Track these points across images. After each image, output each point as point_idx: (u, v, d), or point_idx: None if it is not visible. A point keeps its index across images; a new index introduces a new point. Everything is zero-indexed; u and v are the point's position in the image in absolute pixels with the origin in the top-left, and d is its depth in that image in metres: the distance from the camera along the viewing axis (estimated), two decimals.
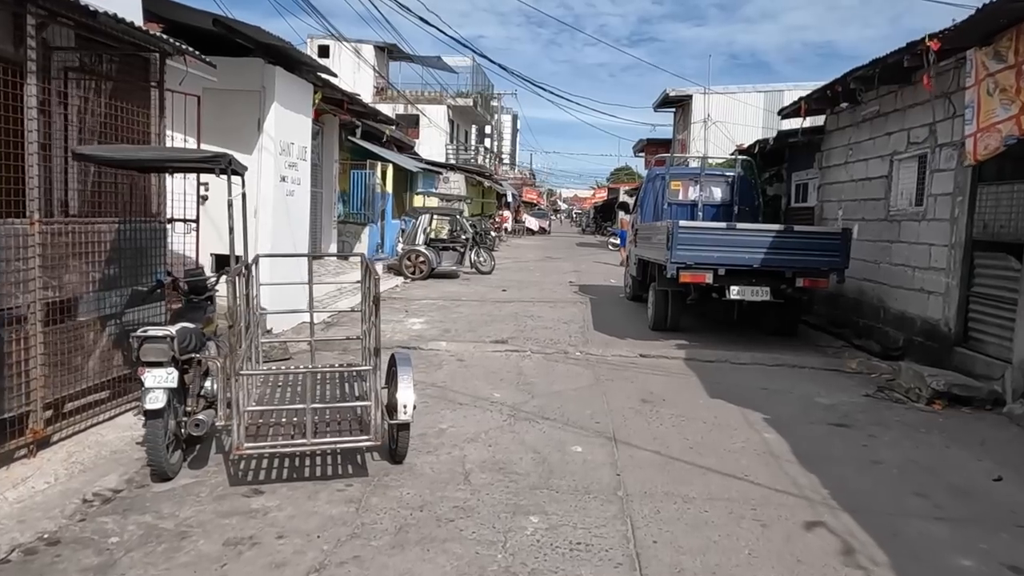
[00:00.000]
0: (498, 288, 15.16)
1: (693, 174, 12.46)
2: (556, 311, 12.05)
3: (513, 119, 70.55)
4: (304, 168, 10.03)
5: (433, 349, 8.60)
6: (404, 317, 11.02)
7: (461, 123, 44.11)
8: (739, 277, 8.84)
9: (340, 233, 17.14)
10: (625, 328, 10.47)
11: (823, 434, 5.88)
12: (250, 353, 5.45)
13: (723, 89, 27.41)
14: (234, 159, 4.90)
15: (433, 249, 16.81)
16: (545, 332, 10.02)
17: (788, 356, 8.71)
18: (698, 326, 10.71)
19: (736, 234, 8.73)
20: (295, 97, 9.57)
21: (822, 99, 10.40)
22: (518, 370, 7.68)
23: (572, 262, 24.04)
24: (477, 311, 11.80)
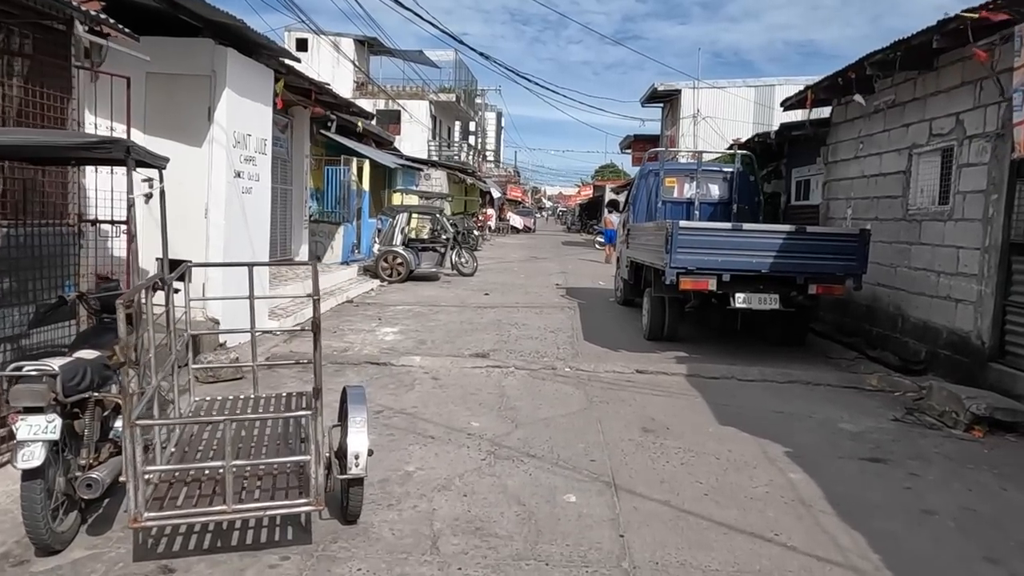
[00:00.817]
0: (480, 292, 14.24)
1: (689, 170, 11.61)
2: (542, 318, 11.15)
3: (498, 116, 69.80)
4: (264, 163, 9.06)
5: (405, 365, 7.67)
6: (376, 326, 10.07)
7: (444, 119, 43.13)
8: (745, 283, 7.99)
9: (312, 233, 16.14)
10: (618, 338, 9.59)
11: (856, 472, 5.03)
12: (173, 385, 4.51)
13: (712, 83, 26.63)
14: (138, 147, 3.94)
15: (412, 250, 15.87)
16: (530, 343, 9.12)
17: (799, 371, 7.87)
18: (697, 336, 9.85)
19: (742, 236, 7.87)
20: (252, 84, 8.60)
21: (831, 88, 9.56)
22: (500, 391, 6.77)
23: (558, 262, 23.15)
24: (457, 318, 10.88)
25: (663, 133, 30.21)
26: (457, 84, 43.26)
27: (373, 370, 7.46)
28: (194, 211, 8.05)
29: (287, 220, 14.37)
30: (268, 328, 9.16)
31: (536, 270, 19.78)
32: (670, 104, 28.72)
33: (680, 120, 26.33)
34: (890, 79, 8.78)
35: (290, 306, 10.55)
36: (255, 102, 8.67)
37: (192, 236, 8.07)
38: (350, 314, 11.01)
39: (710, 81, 26.59)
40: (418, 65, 40.73)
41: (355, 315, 10.93)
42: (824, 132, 10.99)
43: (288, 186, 14.33)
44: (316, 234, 16.20)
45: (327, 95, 12.04)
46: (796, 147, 12.65)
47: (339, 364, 7.65)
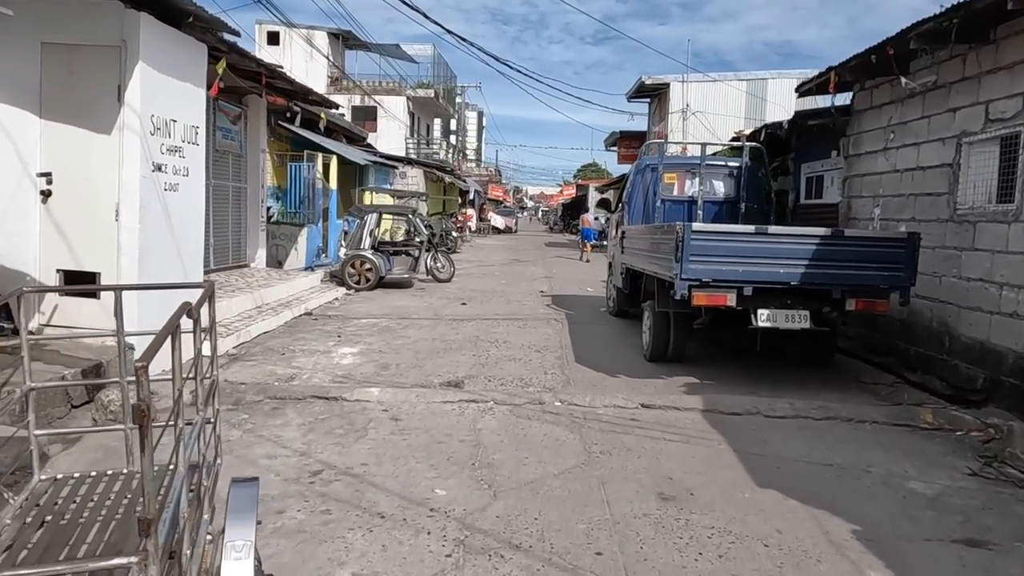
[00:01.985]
0: (457, 300, 12.85)
1: (691, 165, 10.30)
2: (526, 333, 9.78)
3: (479, 116, 68.72)
4: (195, 155, 7.61)
5: (361, 400, 6.26)
6: (334, 345, 8.65)
7: (422, 116, 41.68)
8: (770, 298, 6.67)
9: (272, 236, 14.67)
10: (615, 359, 8.25)
11: (956, 565, 3.71)
12: None
13: (703, 77, 25.44)
14: None
15: (382, 254, 14.44)
16: (513, 366, 7.75)
17: (835, 402, 6.56)
18: (706, 355, 8.54)
19: (767, 241, 6.55)
20: (178, 60, 7.16)
21: (859, 68, 8.26)
22: (476, 437, 5.40)
23: (542, 265, 21.81)
24: (428, 334, 9.48)
25: (650, 129, 28.98)
26: (436, 80, 41.86)
27: (320, 408, 6.06)
28: (104, 212, 6.61)
29: (241, 222, 12.91)
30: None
31: (519, 275, 18.42)
32: (658, 99, 27.50)
33: (669, 115, 25.10)
34: (930, 57, 7.51)
35: (234, 321, 9.10)
36: (182, 82, 7.23)
37: (101, 242, 6.64)
38: (306, 330, 9.58)
39: (700, 75, 25.39)
40: (395, 60, 39.36)
41: (311, 331, 9.50)
42: (843, 122, 9.72)
43: (242, 184, 12.87)
44: (277, 237, 14.75)
45: (280, 80, 10.60)
46: (807, 140, 11.39)
47: (278, 400, 6.24)
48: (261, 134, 13.09)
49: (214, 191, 11.73)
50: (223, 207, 12.11)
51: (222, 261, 12.10)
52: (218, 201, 11.92)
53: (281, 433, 5.41)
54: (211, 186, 11.53)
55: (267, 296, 10.74)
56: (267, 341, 8.76)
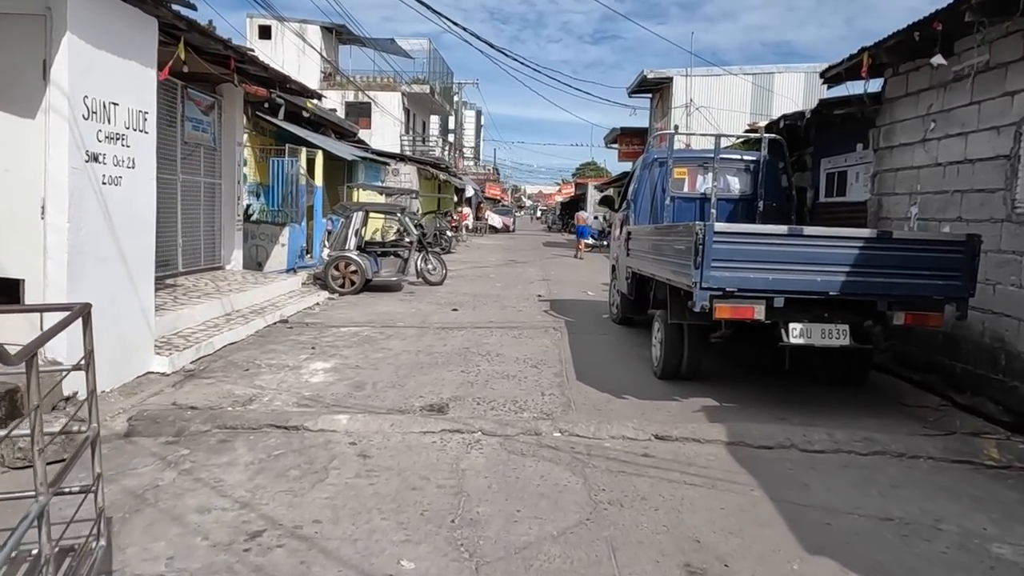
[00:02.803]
0: (448, 306, 11.92)
1: (704, 158, 9.37)
2: (521, 344, 8.85)
3: (477, 115, 68.15)
4: (143, 144, 6.67)
5: (326, 431, 5.33)
6: (306, 359, 7.71)
7: (418, 113, 40.75)
8: (804, 310, 5.75)
9: (252, 236, 13.75)
10: (621, 376, 7.33)
11: None
12: None
13: (707, 71, 24.51)
14: None
15: (369, 255, 13.50)
16: (506, 385, 6.82)
17: (879, 431, 5.62)
18: (723, 371, 7.62)
19: (803, 244, 5.61)
20: (120, 34, 6.22)
21: (898, 48, 7.32)
22: (457, 482, 4.46)
23: (539, 266, 20.88)
24: (413, 346, 8.54)
25: (652, 125, 28.05)
26: (431, 76, 40.93)
27: (276, 440, 5.12)
28: (28, 209, 5.67)
29: (215, 221, 11.96)
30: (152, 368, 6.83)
31: (515, 277, 17.49)
32: (660, 94, 26.57)
33: (671, 110, 24.16)
34: (980, 35, 6.58)
35: (196, 332, 8.16)
36: (125, 60, 6.29)
37: (25, 244, 5.70)
38: (278, 340, 8.64)
39: (704, 69, 24.45)
40: (390, 55, 38.44)
41: (283, 342, 8.56)
42: (872, 111, 8.79)
43: (216, 179, 11.92)
44: (256, 237, 13.82)
45: (252, 65, 9.64)
46: (827, 132, 10.46)
47: (229, 430, 5.30)
48: (237, 126, 12.14)
49: (184, 187, 10.80)
50: (194, 204, 11.17)
51: (193, 263, 11.16)
52: (188, 198, 10.98)
53: (224, 476, 4.47)
54: (179, 182, 10.61)
55: (238, 302, 9.80)
56: (232, 354, 7.83)
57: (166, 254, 10.38)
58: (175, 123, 10.44)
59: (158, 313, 7.92)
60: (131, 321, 6.52)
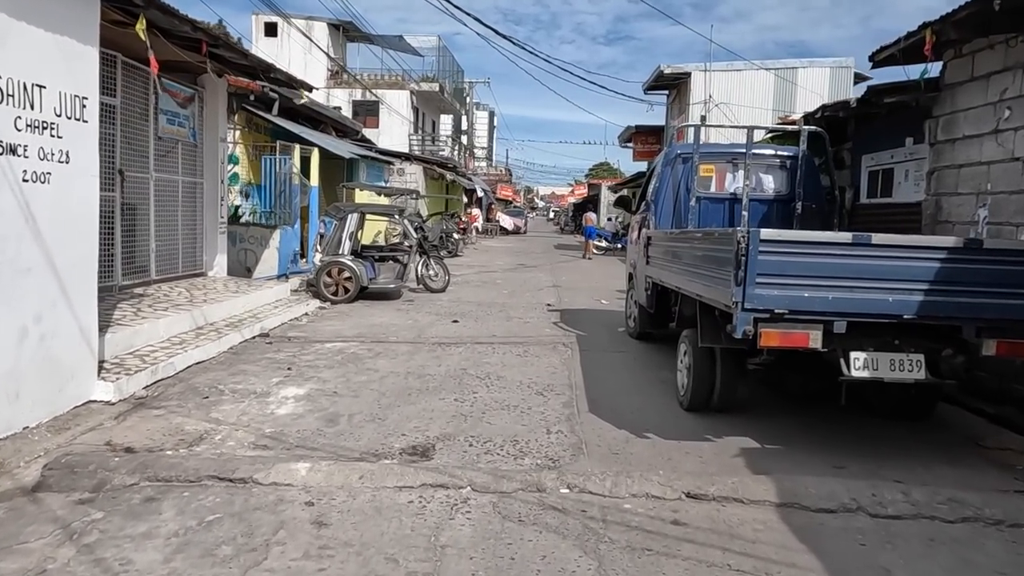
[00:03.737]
0: (448, 316, 10.90)
1: (735, 154, 8.32)
2: (527, 364, 7.82)
3: (490, 115, 67.66)
4: (80, 135, 5.70)
5: (279, 484, 4.31)
6: (278, 384, 6.71)
7: (427, 112, 39.84)
8: (870, 335, 4.68)
9: (240, 239, 12.80)
10: (641, 406, 6.28)
11: None
12: None
13: (727, 66, 23.40)
14: None
15: (365, 260, 12.51)
16: (505, 419, 5.78)
17: (960, 486, 4.54)
18: (759, 400, 6.56)
19: (871, 255, 4.54)
20: (47, 3, 5.25)
21: (969, 22, 6.21)
22: (434, 568, 3.43)
23: (550, 271, 19.84)
24: (403, 366, 7.53)
25: (668, 123, 26.96)
26: (441, 73, 40.02)
27: (215, 498, 4.12)
28: None
29: (196, 223, 11.02)
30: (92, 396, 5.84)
31: (523, 283, 16.44)
32: (677, 90, 25.48)
33: (690, 106, 23.06)
34: None
35: (157, 350, 7.18)
36: (55, 35, 5.32)
37: None
38: (252, 358, 7.65)
39: (724, 64, 23.33)
40: (399, 54, 37.57)
41: (257, 361, 7.57)
42: (928, 99, 7.69)
43: (196, 178, 10.99)
44: (245, 240, 12.86)
45: (229, 50, 8.66)
46: (869, 125, 9.37)
47: (161, 483, 4.30)
48: (220, 120, 11.19)
49: (158, 186, 9.87)
50: (170, 205, 10.23)
51: (169, 270, 10.22)
52: (164, 198, 10.05)
53: (134, 555, 3.47)
54: (152, 180, 9.67)
55: (213, 313, 8.83)
56: (195, 376, 6.85)
57: (137, 260, 9.43)
58: (147, 116, 9.51)
59: (112, 329, 6.97)
60: (65, 342, 5.54)
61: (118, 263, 8.86)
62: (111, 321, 7.28)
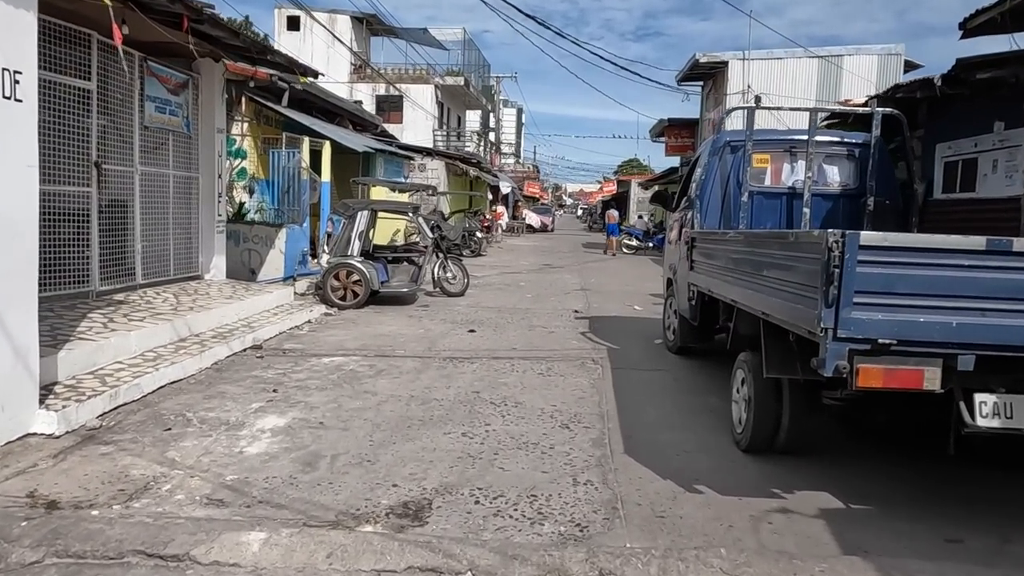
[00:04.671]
0: (464, 325, 9.85)
1: (794, 142, 7.16)
2: (550, 386, 6.74)
3: (518, 112, 66.94)
4: (12, 117, 4.74)
5: (221, 566, 3.29)
6: (257, 411, 5.71)
7: (452, 107, 38.92)
8: (1002, 372, 3.54)
9: (244, 239, 11.90)
10: (687, 444, 5.17)
11: None
12: None
13: (767, 54, 22.06)
14: None
15: (377, 261, 11.53)
16: (522, 463, 4.71)
17: None
18: (832, 438, 5.41)
19: (1011, 266, 3.40)
20: None
21: None
22: None
23: (577, 272, 18.72)
24: (407, 388, 6.50)
25: (703, 116, 25.66)
26: (467, 67, 39.08)
27: None
28: None
29: (191, 222, 10.11)
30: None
31: (549, 285, 15.34)
32: (713, 81, 24.17)
33: (726, 97, 21.75)
34: None
35: (123, 369, 6.23)
36: None
37: None
38: (235, 377, 6.68)
39: (764, 52, 21.99)
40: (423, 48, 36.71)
41: (241, 380, 6.59)
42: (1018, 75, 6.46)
43: (191, 172, 10.08)
44: (249, 240, 11.96)
45: (215, 27, 7.67)
46: (947, 108, 8.14)
47: (72, 561, 3.31)
48: (217, 109, 10.26)
49: (145, 181, 8.96)
50: (159, 202, 9.32)
51: (158, 273, 9.31)
52: (151, 194, 9.14)
53: None
54: (137, 174, 8.76)
55: (199, 323, 7.89)
56: (163, 400, 5.88)
57: (118, 263, 8.52)
58: (131, 103, 8.59)
59: (69, 345, 6.03)
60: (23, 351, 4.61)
61: (95, 266, 7.96)
62: (72, 334, 6.35)
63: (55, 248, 7.38)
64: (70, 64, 7.45)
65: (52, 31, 7.13)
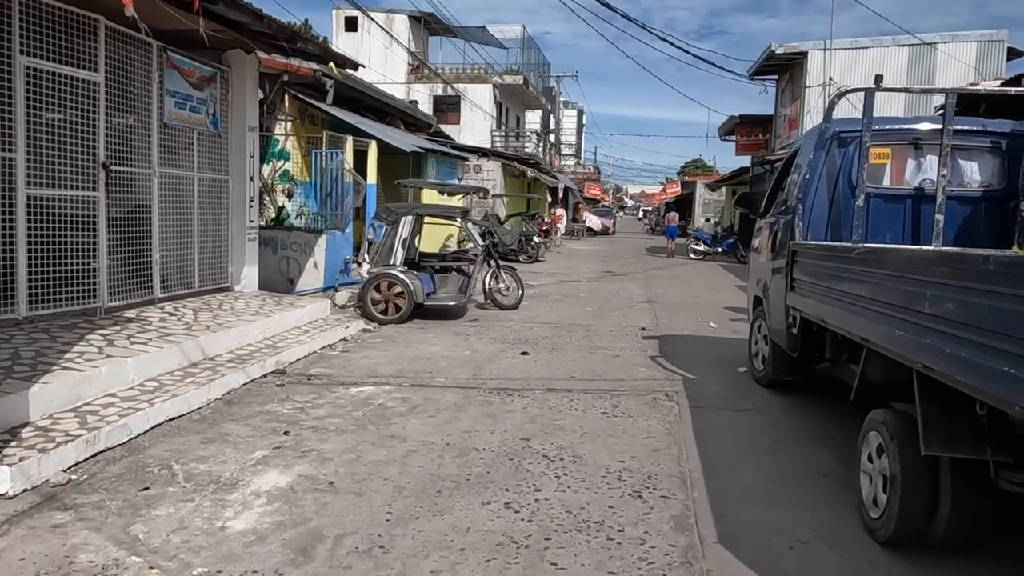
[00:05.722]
0: (516, 345, 8.72)
1: (922, 132, 5.80)
2: (615, 432, 5.53)
3: (579, 114, 65.92)
4: None
5: None
6: (257, 464, 4.68)
7: (511, 107, 37.92)
8: None
9: (281, 246, 11.06)
10: (803, 530, 3.91)
11: None
12: None
13: (850, 43, 20.28)
14: None
15: (422, 271, 10.51)
16: (580, 559, 3.52)
17: None
18: (995, 532, 4.06)
19: None
20: None
21: None
22: None
23: (642, 280, 17.39)
24: (441, 433, 5.39)
25: (777, 112, 23.94)
26: (526, 66, 38.05)
27: None
28: None
29: (220, 229, 9.28)
30: None
31: (611, 296, 14.08)
32: (789, 74, 22.47)
33: (805, 91, 20.08)
34: None
35: (114, 403, 5.31)
36: None
37: None
38: (244, 412, 5.70)
39: (848, 40, 20.22)
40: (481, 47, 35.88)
41: (250, 416, 5.61)
42: None
43: (220, 175, 9.24)
44: (287, 247, 11.12)
45: (232, 8, 6.72)
46: None
47: None
48: (249, 105, 9.40)
49: (165, 184, 8.15)
50: (182, 207, 8.49)
51: (180, 285, 8.48)
52: (173, 198, 8.31)
53: None
54: (155, 176, 7.93)
55: (215, 344, 6.97)
56: (153, 444, 4.94)
57: (132, 275, 7.68)
58: (147, 97, 7.76)
59: (48, 377, 5.14)
60: None
61: (103, 280, 7.13)
62: (58, 362, 5.47)
63: (55, 260, 6.57)
64: (73, 53, 6.63)
65: (52, 15, 6.32)
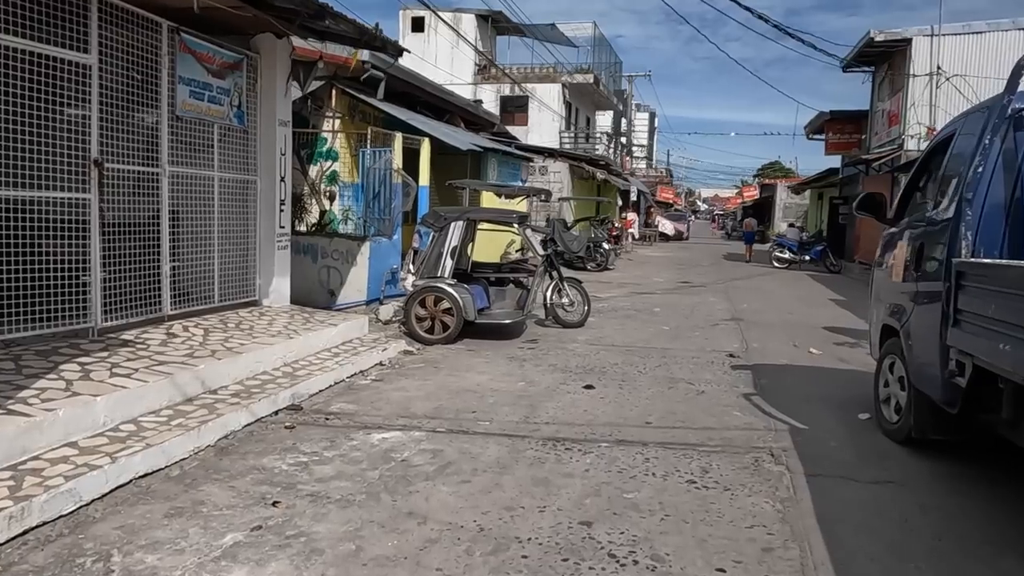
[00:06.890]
0: (578, 375, 7.35)
1: None
2: (707, 519, 4.09)
3: (650, 116, 64.26)
4: None
5: None
6: (215, 563, 3.48)
7: (581, 107, 36.50)
8: None
9: (322, 254, 10.00)
10: None
11: None
12: None
13: (963, 27, 18.09)
14: None
15: (474, 284, 9.27)
16: None
17: None
18: None
19: None
20: None
21: None
22: None
23: (723, 292, 15.72)
24: (474, 509, 4.07)
25: (874, 107, 21.79)
26: (596, 65, 36.56)
27: None
28: None
29: (246, 236, 8.24)
30: None
31: (690, 311, 12.52)
32: (888, 64, 20.33)
33: (910, 79, 17.99)
34: None
35: (67, 457, 4.21)
36: None
37: None
38: (235, 467, 4.54)
39: (959, 25, 18.05)
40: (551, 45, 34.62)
41: (239, 474, 4.44)
42: None
43: (247, 175, 8.21)
44: (328, 255, 10.06)
45: None
46: None
47: None
48: (279, 97, 8.34)
49: (178, 185, 7.14)
50: (201, 211, 7.47)
51: (199, 300, 7.47)
52: (189, 201, 7.30)
53: None
54: (166, 176, 6.92)
55: (219, 374, 5.86)
56: (104, 517, 3.81)
57: (134, 290, 6.66)
58: (155, 85, 6.75)
59: None
60: None
61: (95, 296, 6.12)
62: (4, 404, 4.41)
63: (34, 272, 5.58)
64: (58, 30, 5.64)
65: None
